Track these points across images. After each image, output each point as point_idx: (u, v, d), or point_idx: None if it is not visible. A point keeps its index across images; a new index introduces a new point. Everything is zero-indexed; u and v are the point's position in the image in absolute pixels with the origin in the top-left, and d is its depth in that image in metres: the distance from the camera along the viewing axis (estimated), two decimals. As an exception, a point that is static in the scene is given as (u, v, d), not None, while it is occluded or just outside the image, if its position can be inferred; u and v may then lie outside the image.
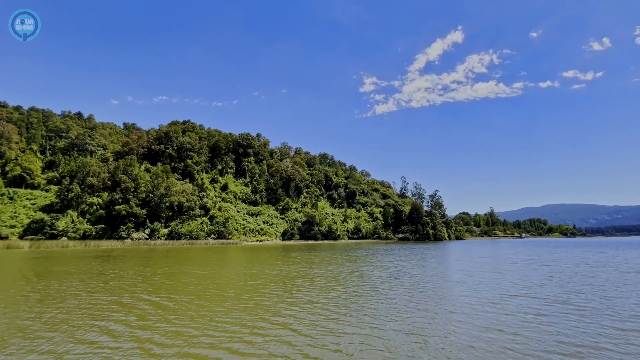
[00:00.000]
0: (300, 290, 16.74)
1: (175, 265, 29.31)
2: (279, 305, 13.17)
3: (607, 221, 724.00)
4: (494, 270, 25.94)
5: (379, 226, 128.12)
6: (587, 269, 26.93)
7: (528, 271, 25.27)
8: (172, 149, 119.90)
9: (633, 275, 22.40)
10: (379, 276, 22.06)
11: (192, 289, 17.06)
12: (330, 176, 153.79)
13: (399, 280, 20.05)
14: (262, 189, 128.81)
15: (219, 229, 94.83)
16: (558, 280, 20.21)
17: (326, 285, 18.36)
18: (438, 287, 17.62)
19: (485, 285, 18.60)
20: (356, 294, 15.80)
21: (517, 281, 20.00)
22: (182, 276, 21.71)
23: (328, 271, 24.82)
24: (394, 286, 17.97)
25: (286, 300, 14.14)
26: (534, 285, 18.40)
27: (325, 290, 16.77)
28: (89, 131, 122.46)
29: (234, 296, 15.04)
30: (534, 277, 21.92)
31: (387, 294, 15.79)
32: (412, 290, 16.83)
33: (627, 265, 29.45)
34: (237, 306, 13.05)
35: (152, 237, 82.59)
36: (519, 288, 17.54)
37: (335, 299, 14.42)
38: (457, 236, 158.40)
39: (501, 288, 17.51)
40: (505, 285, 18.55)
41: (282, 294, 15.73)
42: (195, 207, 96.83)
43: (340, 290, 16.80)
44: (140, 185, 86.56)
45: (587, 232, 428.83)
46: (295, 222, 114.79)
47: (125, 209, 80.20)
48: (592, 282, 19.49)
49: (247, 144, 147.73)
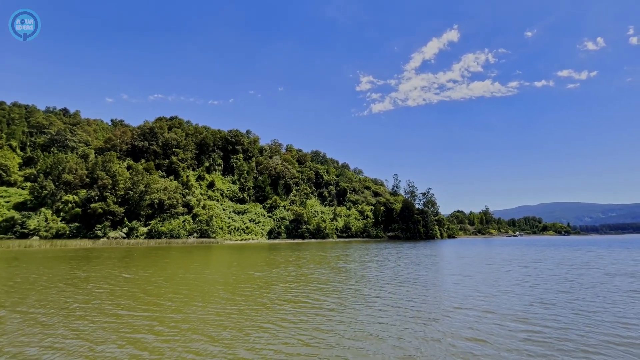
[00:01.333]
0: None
1: (132, 267, 26.65)
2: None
3: (602, 219, 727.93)
4: (464, 273, 23.56)
5: (369, 224, 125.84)
6: (569, 271, 24.62)
7: (500, 274, 22.90)
8: (156, 146, 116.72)
9: (618, 280, 20.09)
10: (333, 279, 19.56)
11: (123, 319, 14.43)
12: (321, 174, 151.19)
13: (343, 282, 17.57)
14: (250, 186, 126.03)
15: (201, 228, 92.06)
16: (528, 286, 17.82)
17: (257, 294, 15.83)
18: (382, 292, 15.13)
19: (441, 292, 16.16)
20: (285, 299, 13.31)
21: (482, 287, 17.58)
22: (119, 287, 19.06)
23: (275, 275, 22.30)
24: (330, 289, 15.47)
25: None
26: (498, 293, 15.98)
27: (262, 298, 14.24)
28: (71, 127, 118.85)
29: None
30: (502, 281, 19.53)
31: (318, 299, 13.30)
32: (344, 294, 14.34)
33: (614, 267, 27.20)
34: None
35: (130, 236, 79.66)
36: (476, 298, 15.09)
37: (250, 298, 11.89)
38: (449, 234, 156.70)
39: (455, 298, 15.06)
40: (462, 293, 16.11)
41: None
42: (178, 205, 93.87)
43: (270, 297, 14.29)
44: (118, 182, 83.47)
45: (581, 230, 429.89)
46: (283, 220, 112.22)
47: (101, 206, 77.14)
48: (568, 288, 17.12)
49: (236, 141, 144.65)
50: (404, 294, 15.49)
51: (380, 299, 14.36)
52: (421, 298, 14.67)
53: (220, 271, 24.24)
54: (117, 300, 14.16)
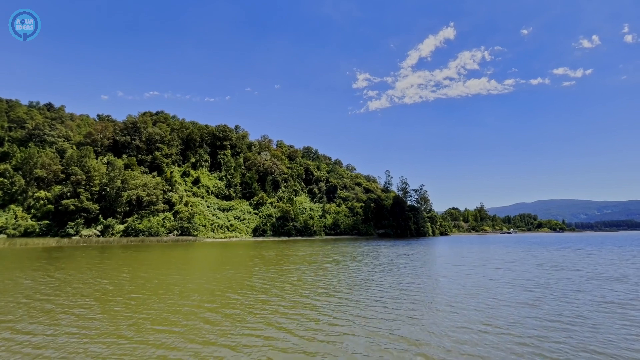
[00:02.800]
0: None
1: (63, 269, 23.66)
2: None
3: (597, 216, 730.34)
4: (430, 276, 20.80)
5: (358, 221, 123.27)
6: (546, 273, 21.94)
7: (464, 278, 20.14)
8: (139, 141, 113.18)
9: (597, 285, 17.38)
10: (272, 279, 16.72)
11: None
12: (312, 170, 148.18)
13: (279, 283, 14.73)
14: (236, 183, 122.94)
15: (182, 225, 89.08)
16: (485, 296, 15.05)
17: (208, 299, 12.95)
18: (311, 298, 12.30)
19: (386, 301, 13.34)
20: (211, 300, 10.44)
21: (429, 298, 14.79)
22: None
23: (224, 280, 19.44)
24: (264, 287, 12.64)
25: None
26: (444, 308, 13.18)
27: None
28: (50, 121, 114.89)
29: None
30: (461, 289, 16.74)
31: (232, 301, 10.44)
32: (257, 300, 11.51)
33: (596, 270, 24.56)
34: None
35: (105, 234, 76.57)
36: (410, 318, 12.29)
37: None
38: (441, 232, 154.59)
39: (391, 309, 12.25)
40: (404, 305, 13.29)
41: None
42: (158, 202, 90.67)
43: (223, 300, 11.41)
44: (93, 178, 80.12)
45: (576, 227, 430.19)
46: (269, 217, 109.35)
47: (73, 203, 73.83)
48: (534, 299, 14.35)
49: (224, 136, 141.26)
50: (337, 295, 12.67)
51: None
52: (357, 306, 11.87)
53: (158, 271, 21.33)
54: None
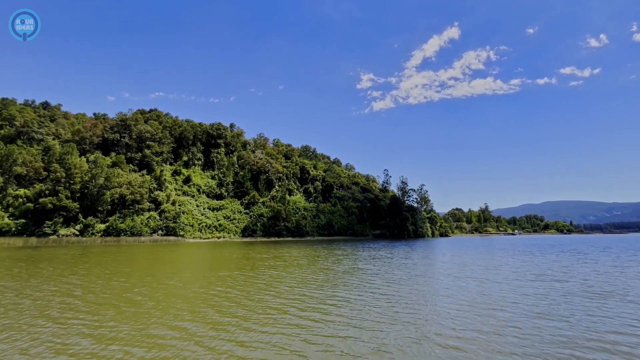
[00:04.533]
0: None
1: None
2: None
3: (606, 218, 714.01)
4: (388, 283, 17.00)
5: (354, 222, 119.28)
6: (525, 286, 18.00)
7: (433, 289, 16.29)
8: (129, 138, 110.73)
9: (579, 303, 13.45)
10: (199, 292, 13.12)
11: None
12: (308, 169, 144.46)
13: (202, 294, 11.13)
14: (229, 181, 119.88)
15: (168, 225, 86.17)
16: (430, 318, 11.23)
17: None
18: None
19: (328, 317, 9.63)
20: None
21: (377, 317, 11.03)
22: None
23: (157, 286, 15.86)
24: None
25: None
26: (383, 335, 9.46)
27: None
28: (39, 119, 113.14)
29: None
30: (423, 306, 12.94)
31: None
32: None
33: (587, 281, 20.50)
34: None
35: (85, 234, 73.89)
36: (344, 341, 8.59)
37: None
38: (442, 233, 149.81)
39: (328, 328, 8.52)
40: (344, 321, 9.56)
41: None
42: (143, 201, 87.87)
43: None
44: (74, 176, 77.55)
45: (585, 229, 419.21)
46: (261, 217, 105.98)
47: (51, 201, 71.27)
48: (493, 327, 10.52)
49: (218, 134, 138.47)
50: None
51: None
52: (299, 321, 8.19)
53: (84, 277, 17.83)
54: None
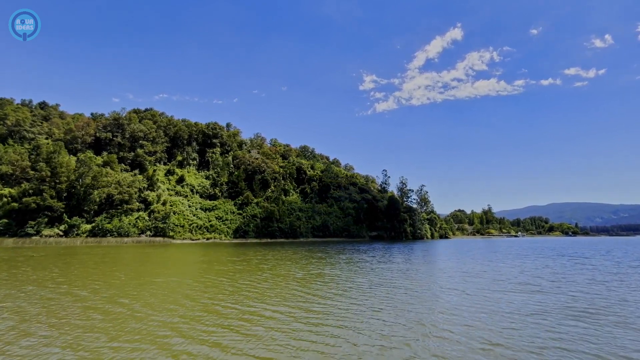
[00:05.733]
0: None
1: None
2: None
3: (613, 220, 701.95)
4: (330, 295, 14.47)
5: (350, 223, 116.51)
6: (502, 299, 15.35)
7: (354, 312, 13.73)
8: (121, 137, 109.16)
9: (553, 325, 10.81)
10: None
11: None
12: (305, 169, 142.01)
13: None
14: (223, 182, 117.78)
15: (157, 225, 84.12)
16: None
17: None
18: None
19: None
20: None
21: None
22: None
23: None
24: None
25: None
26: None
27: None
28: (31, 118, 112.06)
29: None
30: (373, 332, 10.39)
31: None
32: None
33: (574, 293, 17.78)
34: None
35: (69, 234, 72.03)
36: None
37: None
38: (441, 234, 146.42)
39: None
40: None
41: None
42: (132, 201, 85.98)
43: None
44: (59, 175, 75.87)
45: (591, 231, 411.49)
46: (254, 218, 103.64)
47: (35, 201, 69.59)
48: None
49: (214, 134, 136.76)
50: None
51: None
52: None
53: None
54: None
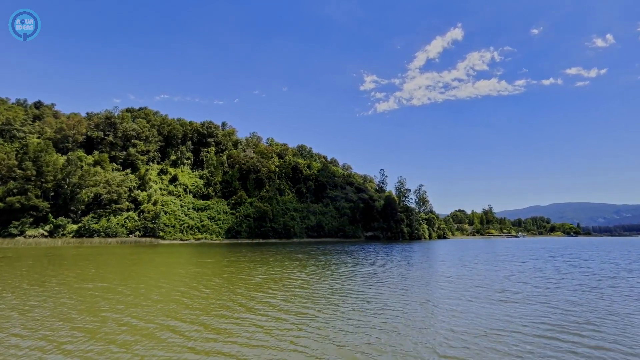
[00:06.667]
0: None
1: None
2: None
3: (616, 220, 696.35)
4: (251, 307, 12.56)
5: (345, 223, 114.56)
6: (446, 311, 13.44)
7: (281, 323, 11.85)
8: (113, 136, 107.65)
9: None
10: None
11: None
12: (301, 168, 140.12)
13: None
14: (216, 181, 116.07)
15: (146, 225, 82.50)
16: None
17: None
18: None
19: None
20: None
21: None
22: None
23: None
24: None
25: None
26: None
27: None
28: (23, 117, 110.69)
29: None
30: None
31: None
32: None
33: (559, 302, 15.84)
34: None
35: (55, 235, 70.46)
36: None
37: None
38: (440, 235, 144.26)
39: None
40: None
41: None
42: (122, 200, 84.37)
43: None
44: (45, 174, 74.31)
45: (594, 231, 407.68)
46: (247, 218, 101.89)
47: (19, 200, 68.06)
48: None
49: (209, 133, 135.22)
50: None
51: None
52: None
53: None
54: None
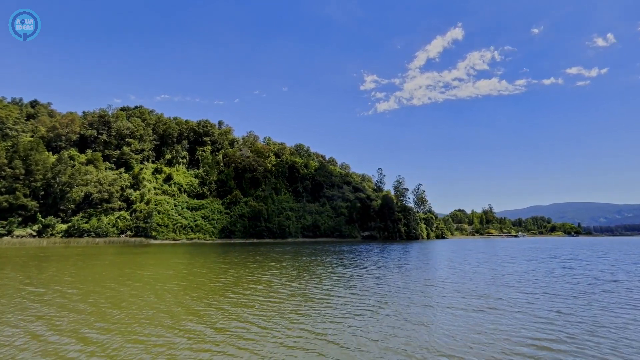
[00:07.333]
0: None
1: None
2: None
3: (617, 220, 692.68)
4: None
5: (341, 223, 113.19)
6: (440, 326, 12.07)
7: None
8: (107, 135, 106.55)
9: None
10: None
11: None
12: (298, 167, 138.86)
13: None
14: (211, 180, 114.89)
15: (138, 225, 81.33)
16: None
17: None
18: None
19: None
20: None
21: None
22: None
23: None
24: None
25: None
26: None
27: None
28: (14, 115, 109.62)
29: None
30: None
31: None
32: None
33: (532, 320, 14.46)
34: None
35: (43, 234, 69.35)
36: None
37: None
38: (438, 235, 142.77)
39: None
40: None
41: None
42: (113, 200, 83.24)
43: None
44: (34, 173, 73.17)
45: (595, 231, 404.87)
46: (242, 217, 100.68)
47: (7, 199, 66.95)
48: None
49: (205, 132, 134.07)
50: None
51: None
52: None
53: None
54: None
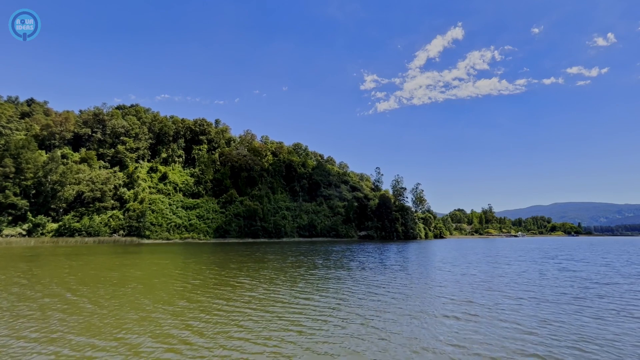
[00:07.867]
0: None
1: None
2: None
3: (618, 220, 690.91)
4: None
5: (338, 222, 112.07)
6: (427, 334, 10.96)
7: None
8: (101, 134, 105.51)
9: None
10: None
11: None
12: (295, 166, 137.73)
13: None
14: (207, 179, 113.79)
15: (131, 224, 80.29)
16: None
17: None
18: None
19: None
20: None
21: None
22: None
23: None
24: None
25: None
26: None
27: None
28: (8, 114, 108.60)
29: None
30: None
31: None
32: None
33: (513, 331, 13.39)
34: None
35: (33, 234, 68.33)
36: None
37: None
38: (436, 234, 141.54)
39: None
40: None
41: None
42: (106, 199, 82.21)
43: None
44: (25, 171, 72.17)
45: (595, 231, 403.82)
46: (237, 217, 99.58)
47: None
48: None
49: (201, 131, 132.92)
50: None
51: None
52: None
53: None
54: None
